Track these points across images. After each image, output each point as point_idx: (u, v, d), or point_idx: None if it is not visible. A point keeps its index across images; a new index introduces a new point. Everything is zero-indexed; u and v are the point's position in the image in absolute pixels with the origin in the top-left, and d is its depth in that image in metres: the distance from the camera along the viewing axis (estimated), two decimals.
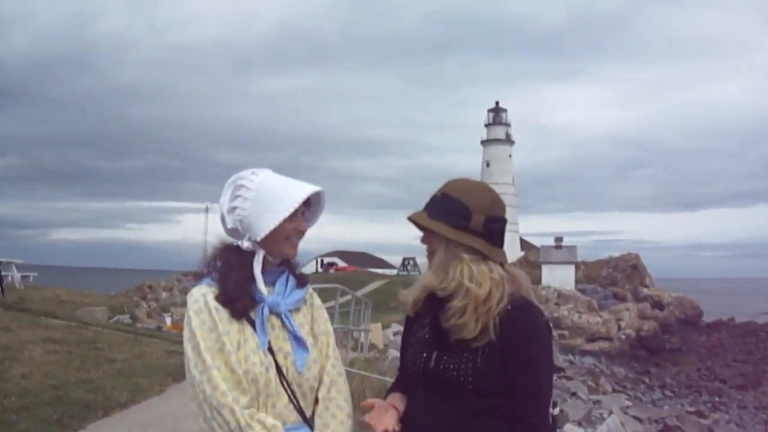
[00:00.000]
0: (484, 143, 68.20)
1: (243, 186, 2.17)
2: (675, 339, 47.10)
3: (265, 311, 2.14)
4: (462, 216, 2.09)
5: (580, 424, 16.47)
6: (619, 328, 45.69)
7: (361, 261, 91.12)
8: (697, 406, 27.02)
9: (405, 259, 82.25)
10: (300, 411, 2.15)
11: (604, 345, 43.54)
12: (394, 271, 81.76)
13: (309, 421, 2.18)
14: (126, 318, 18.66)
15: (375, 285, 57.95)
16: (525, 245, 67.73)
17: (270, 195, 2.13)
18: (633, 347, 44.27)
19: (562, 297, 49.42)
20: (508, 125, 68.28)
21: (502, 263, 2.13)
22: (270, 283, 2.21)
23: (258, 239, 2.14)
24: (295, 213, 2.15)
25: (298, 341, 2.18)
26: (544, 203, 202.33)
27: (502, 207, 2.17)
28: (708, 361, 39.58)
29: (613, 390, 29.17)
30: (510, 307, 2.04)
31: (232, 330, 2.08)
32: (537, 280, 49.59)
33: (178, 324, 18.59)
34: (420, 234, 2.21)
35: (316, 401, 2.24)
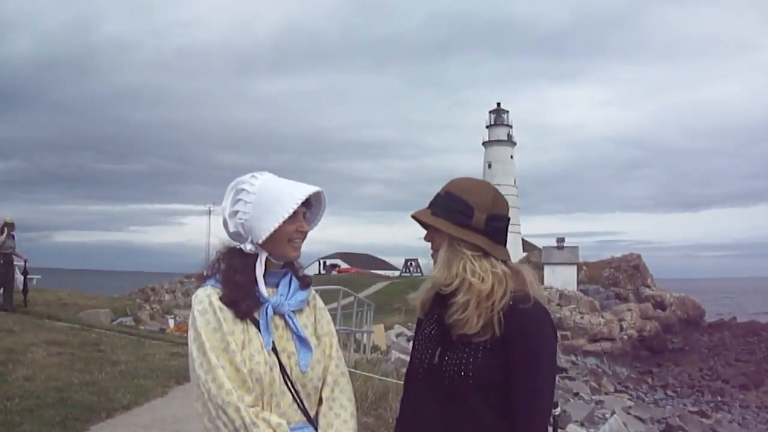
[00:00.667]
0: (485, 144, 68.13)
1: (244, 190, 2.19)
2: (677, 339, 47.11)
3: (269, 311, 2.16)
4: (464, 213, 2.10)
5: (582, 424, 16.47)
6: (621, 328, 45.65)
7: (364, 262, 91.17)
8: (700, 405, 27.03)
9: (407, 261, 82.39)
10: (304, 411, 2.17)
11: (606, 345, 43.52)
12: (396, 273, 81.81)
13: (313, 421, 2.20)
14: (129, 320, 18.60)
15: (377, 286, 58.01)
16: (527, 246, 67.79)
17: (270, 197, 2.15)
18: (635, 347, 44.24)
19: (564, 298, 49.42)
20: (509, 126, 68.23)
21: (504, 261, 2.14)
22: (273, 285, 2.23)
23: (260, 242, 2.16)
24: (296, 214, 2.17)
25: (301, 341, 2.20)
26: (545, 204, 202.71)
27: (504, 205, 2.19)
28: (710, 361, 39.59)
29: (616, 390, 29.18)
30: (512, 303, 2.05)
31: (236, 330, 2.10)
32: (539, 281, 49.47)
33: (181, 326, 18.55)
34: (424, 232, 2.23)
35: (319, 401, 2.26)
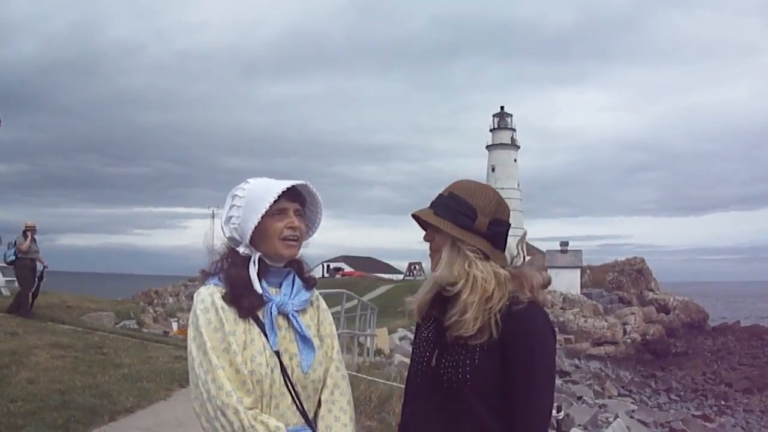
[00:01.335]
0: (489, 148, 68.07)
1: (236, 195, 2.23)
2: (680, 343, 47.03)
3: (273, 311, 2.16)
4: (467, 216, 2.10)
5: (586, 428, 16.47)
6: (625, 332, 45.60)
7: (368, 266, 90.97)
8: (703, 409, 27.03)
9: (411, 264, 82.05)
10: (303, 413, 2.16)
11: (609, 349, 43.48)
12: (400, 276, 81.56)
13: (311, 424, 2.19)
14: (132, 323, 18.62)
15: (381, 290, 57.92)
16: (530, 250, 67.63)
17: (255, 197, 2.18)
18: (639, 351, 44.20)
19: (567, 301, 49.38)
20: (513, 130, 68.17)
21: (502, 266, 2.14)
22: (276, 285, 2.24)
23: (247, 241, 2.18)
24: (285, 211, 2.20)
25: (305, 341, 2.20)
26: (549, 208, 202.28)
27: (506, 211, 2.19)
28: (714, 365, 39.56)
29: (619, 394, 29.18)
30: (510, 305, 2.04)
31: (238, 330, 2.10)
32: (546, 283, 49.46)
33: (184, 329, 18.53)
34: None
35: (318, 404, 2.26)
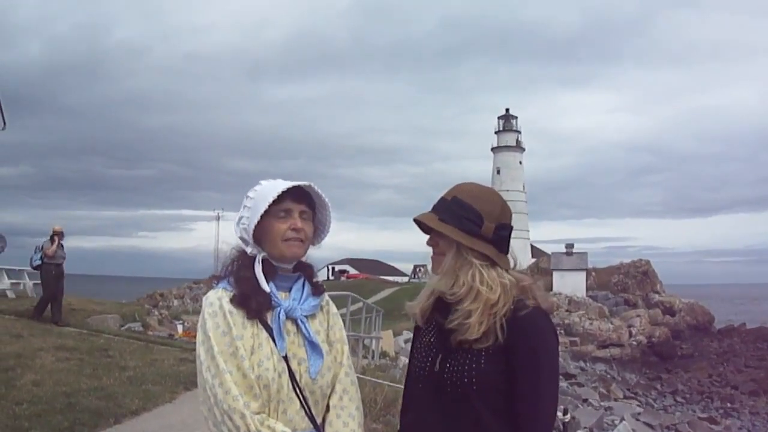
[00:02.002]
0: (494, 150, 68.13)
1: (248, 196, 2.25)
2: (686, 345, 46.83)
3: (282, 316, 2.16)
4: (474, 222, 2.09)
5: (591, 430, 16.44)
6: (630, 334, 45.47)
7: (373, 268, 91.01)
8: (709, 412, 26.89)
9: (416, 267, 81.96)
10: (311, 418, 2.15)
11: (615, 351, 43.34)
12: (405, 279, 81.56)
13: (319, 429, 2.18)
14: (137, 326, 18.61)
15: (386, 292, 57.86)
16: (536, 252, 67.59)
17: (260, 197, 2.19)
18: (644, 353, 44.03)
19: (573, 304, 49.24)
20: (518, 132, 68.24)
21: (506, 270, 2.13)
22: (286, 289, 2.24)
23: (251, 239, 2.20)
24: (290, 212, 2.20)
25: (313, 347, 2.19)
26: (555, 210, 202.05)
27: (509, 214, 2.19)
28: (719, 367, 39.37)
29: (625, 396, 29.06)
30: (514, 309, 2.04)
31: (246, 334, 2.10)
32: (548, 286, 49.42)
33: (189, 332, 18.55)
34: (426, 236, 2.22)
35: (327, 409, 2.24)
